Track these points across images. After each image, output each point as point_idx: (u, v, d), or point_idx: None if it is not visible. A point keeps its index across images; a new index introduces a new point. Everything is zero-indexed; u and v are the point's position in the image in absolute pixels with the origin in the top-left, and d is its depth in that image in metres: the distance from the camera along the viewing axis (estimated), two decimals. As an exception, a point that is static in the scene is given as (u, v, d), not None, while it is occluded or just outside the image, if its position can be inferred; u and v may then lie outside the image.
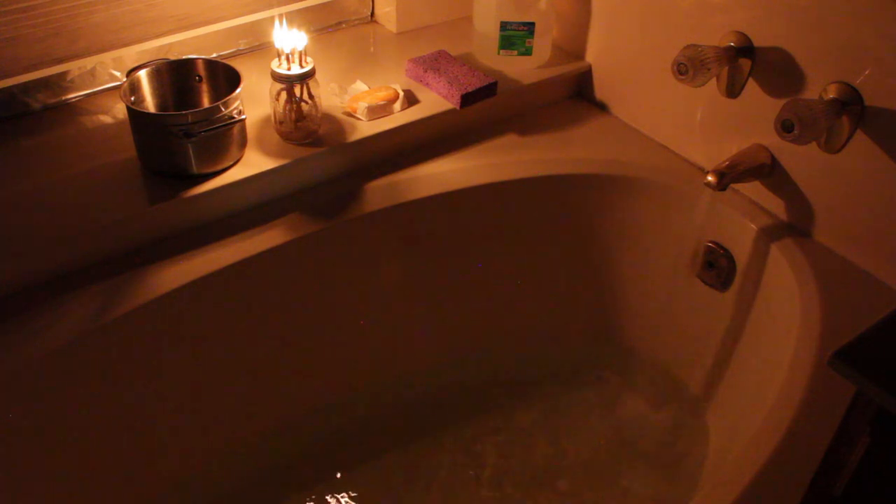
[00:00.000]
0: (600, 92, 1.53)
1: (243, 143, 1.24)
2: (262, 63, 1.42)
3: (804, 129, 1.07)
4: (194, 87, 1.28)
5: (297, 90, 1.24)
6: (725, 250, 1.31)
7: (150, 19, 1.37)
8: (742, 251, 1.28)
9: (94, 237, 1.13)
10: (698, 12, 1.28)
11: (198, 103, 1.28)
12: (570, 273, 1.48)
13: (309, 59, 1.23)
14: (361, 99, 1.34)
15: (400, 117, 1.35)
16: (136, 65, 1.24)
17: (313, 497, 1.32)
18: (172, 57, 1.36)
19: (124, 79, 1.26)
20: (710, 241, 1.32)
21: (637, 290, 1.46)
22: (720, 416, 1.34)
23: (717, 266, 1.32)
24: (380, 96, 1.35)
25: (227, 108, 1.17)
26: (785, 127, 1.08)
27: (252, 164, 1.23)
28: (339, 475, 1.34)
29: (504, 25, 1.43)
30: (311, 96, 1.25)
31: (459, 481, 1.34)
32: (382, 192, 1.30)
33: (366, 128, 1.32)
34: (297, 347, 1.33)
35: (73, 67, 1.33)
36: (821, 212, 1.22)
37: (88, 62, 1.34)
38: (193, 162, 1.18)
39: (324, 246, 1.26)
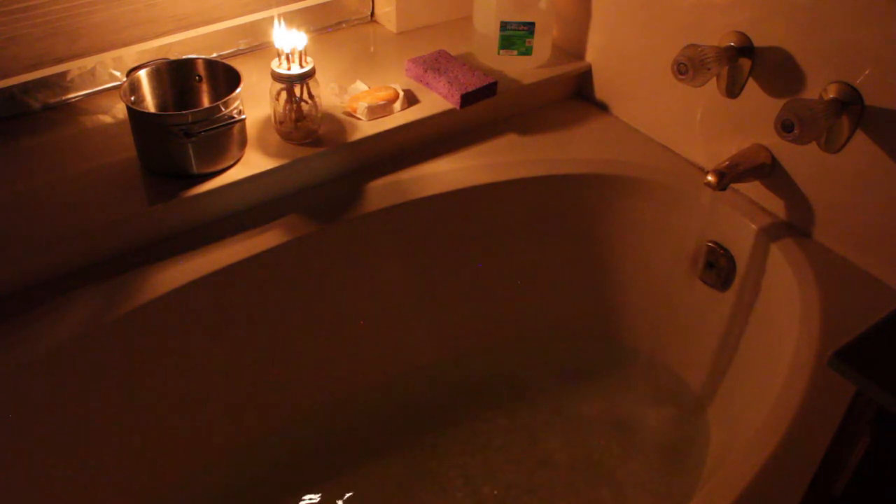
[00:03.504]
0: (600, 92, 1.53)
1: (243, 143, 1.24)
2: (262, 63, 1.42)
3: (804, 129, 1.07)
4: (194, 87, 1.28)
5: (297, 90, 1.24)
6: (725, 250, 1.31)
7: (150, 19, 1.37)
8: (742, 251, 1.28)
9: (94, 237, 1.13)
10: (698, 12, 1.28)
11: (198, 103, 1.28)
12: (570, 273, 1.48)
13: (309, 58, 1.23)
14: (361, 99, 1.34)
15: (400, 117, 1.35)
16: (136, 65, 1.24)
17: (313, 497, 1.32)
18: (172, 57, 1.36)
19: (124, 79, 1.26)
20: (711, 241, 1.32)
21: (637, 290, 1.46)
22: (720, 416, 1.34)
23: (717, 266, 1.32)
24: (380, 96, 1.35)
25: (227, 107, 1.17)
26: (785, 127, 1.08)
27: (252, 164, 1.23)
28: (338, 475, 1.34)
29: (504, 25, 1.43)
30: (311, 96, 1.25)
31: (460, 481, 1.34)
32: (382, 192, 1.30)
33: (366, 128, 1.32)
34: (297, 347, 1.33)
35: (73, 67, 1.33)
36: (821, 212, 1.22)
37: (88, 62, 1.34)
38: (193, 162, 1.18)
39: (324, 246, 1.26)
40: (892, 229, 1.14)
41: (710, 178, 1.19)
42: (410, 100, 1.39)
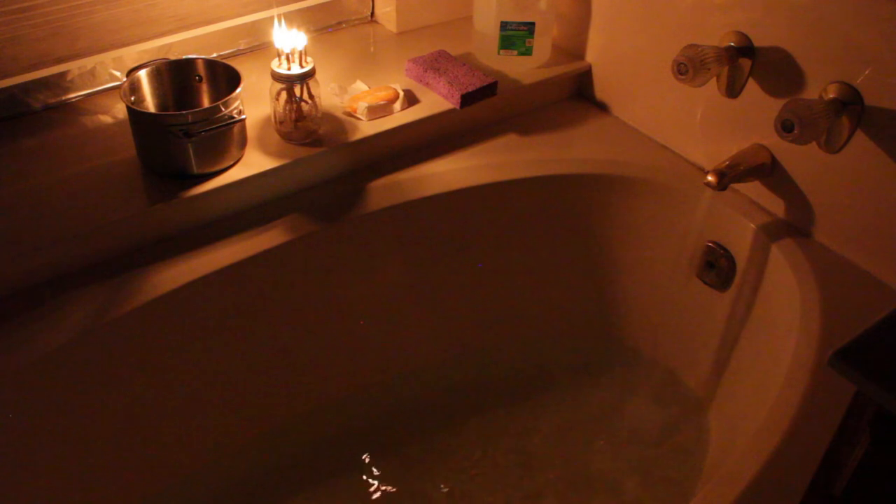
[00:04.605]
0: (600, 92, 1.53)
1: (243, 143, 1.24)
2: (262, 63, 1.42)
3: (804, 129, 1.07)
4: (194, 87, 1.28)
5: (297, 90, 1.24)
6: (725, 250, 1.31)
7: (150, 19, 1.37)
8: (742, 251, 1.28)
9: (94, 237, 1.13)
10: (698, 12, 1.28)
11: (198, 103, 1.28)
12: (570, 273, 1.48)
13: (309, 58, 1.23)
14: (361, 99, 1.34)
15: (400, 117, 1.35)
16: (136, 65, 1.24)
17: (313, 497, 1.32)
18: (172, 57, 1.36)
19: (124, 79, 1.26)
20: (710, 241, 1.32)
21: (637, 290, 1.46)
22: (721, 416, 1.34)
23: (717, 266, 1.32)
24: (380, 96, 1.35)
25: (227, 107, 1.17)
26: (785, 127, 1.08)
27: (252, 164, 1.23)
28: (338, 475, 1.34)
29: (504, 25, 1.43)
30: (311, 96, 1.25)
31: (460, 481, 1.34)
32: (382, 192, 1.30)
33: (366, 128, 1.32)
34: (297, 347, 1.33)
35: (73, 67, 1.33)
36: (821, 212, 1.22)
37: (88, 62, 1.34)
38: (193, 162, 1.18)
39: (324, 246, 1.26)
40: (892, 229, 1.14)
41: (710, 178, 1.19)
42: (410, 100, 1.39)
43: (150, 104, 1.25)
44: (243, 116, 1.20)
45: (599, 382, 1.49)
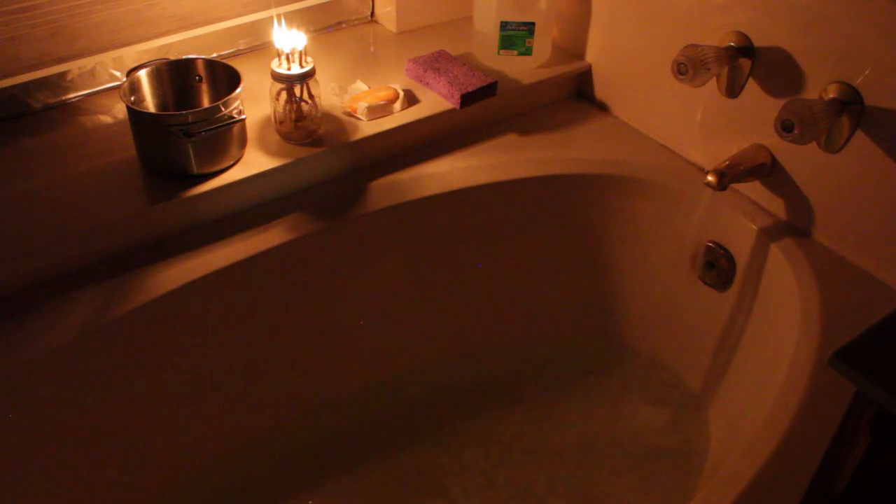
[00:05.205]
0: (600, 92, 1.53)
1: (243, 143, 1.24)
2: (262, 63, 1.42)
3: (804, 129, 1.07)
4: (194, 86, 1.28)
5: (297, 90, 1.24)
6: (725, 250, 1.31)
7: (150, 19, 1.37)
8: (742, 251, 1.28)
9: (95, 237, 1.13)
10: (698, 12, 1.28)
11: (198, 103, 1.28)
12: (570, 273, 1.48)
13: (309, 58, 1.23)
14: (361, 99, 1.34)
15: (400, 117, 1.35)
16: (136, 65, 1.24)
17: (312, 496, 1.32)
18: (172, 57, 1.36)
19: (124, 79, 1.26)
20: (710, 241, 1.32)
21: (637, 290, 1.46)
22: (721, 416, 1.34)
23: (717, 266, 1.32)
24: (380, 96, 1.35)
25: (227, 107, 1.17)
26: (785, 127, 1.08)
27: (252, 164, 1.23)
28: (338, 475, 1.34)
29: (504, 25, 1.43)
30: (311, 96, 1.25)
31: (459, 481, 1.34)
32: (383, 191, 1.30)
33: (366, 128, 1.32)
34: (297, 347, 1.33)
35: (73, 67, 1.33)
36: (821, 212, 1.22)
37: (88, 62, 1.34)
38: (193, 162, 1.18)
39: (324, 246, 1.26)
40: (892, 229, 1.14)
41: (710, 178, 1.19)
42: (410, 100, 1.39)
43: (150, 104, 1.25)
44: (243, 116, 1.20)
45: (599, 382, 1.49)
